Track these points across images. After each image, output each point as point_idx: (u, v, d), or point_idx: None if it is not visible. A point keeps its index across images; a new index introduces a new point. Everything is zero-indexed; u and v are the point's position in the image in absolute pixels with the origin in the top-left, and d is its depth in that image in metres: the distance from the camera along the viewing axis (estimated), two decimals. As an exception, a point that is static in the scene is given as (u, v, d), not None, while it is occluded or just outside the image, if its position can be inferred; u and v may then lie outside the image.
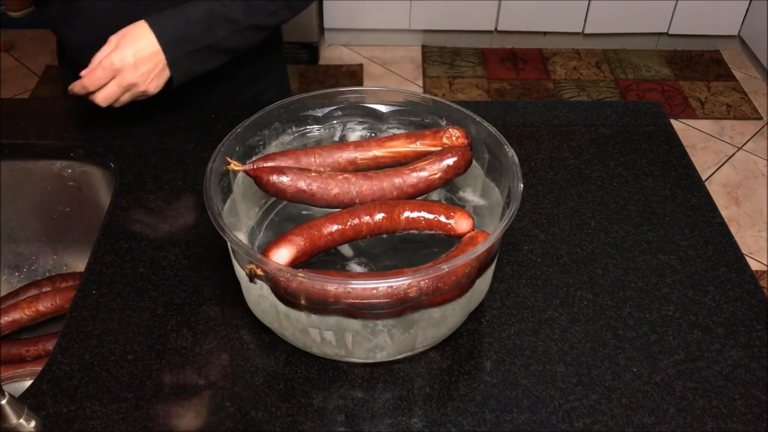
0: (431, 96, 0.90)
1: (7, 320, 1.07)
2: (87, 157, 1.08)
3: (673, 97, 2.88)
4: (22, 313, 1.07)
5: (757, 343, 0.82)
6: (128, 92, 1.00)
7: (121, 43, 0.99)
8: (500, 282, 0.88)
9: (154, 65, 1.00)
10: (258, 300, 0.78)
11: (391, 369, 0.79)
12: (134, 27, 1.00)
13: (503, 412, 0.75)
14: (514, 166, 0.80)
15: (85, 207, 1.13)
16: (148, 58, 0.99)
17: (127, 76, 0.98)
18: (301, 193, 0.79)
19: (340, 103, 0.92)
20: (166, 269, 0.89)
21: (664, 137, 1.12)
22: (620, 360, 0.80)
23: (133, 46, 0.98)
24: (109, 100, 1.00)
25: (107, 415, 0.74)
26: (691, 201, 1.00)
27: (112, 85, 0.99)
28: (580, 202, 1.00)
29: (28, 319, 1.08)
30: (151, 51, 0.99)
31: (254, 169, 0.79)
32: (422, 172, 0.81)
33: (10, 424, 0.67)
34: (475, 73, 2.98)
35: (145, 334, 0.81)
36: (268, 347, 0.81)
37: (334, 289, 0.69)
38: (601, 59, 3.07)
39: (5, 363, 1.05)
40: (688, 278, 0.89)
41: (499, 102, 2.10)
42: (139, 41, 0.99)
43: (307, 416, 0.74)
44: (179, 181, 1.01)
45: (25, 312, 1.07)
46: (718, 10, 2.97)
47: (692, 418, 0.74)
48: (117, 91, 0.99)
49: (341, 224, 0.77)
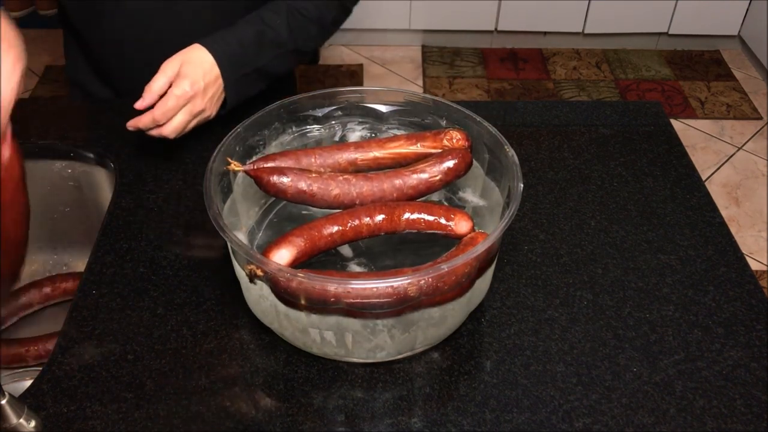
0: (431, 96, 0.90)
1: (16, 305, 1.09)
2: (87, 157, 1.08)
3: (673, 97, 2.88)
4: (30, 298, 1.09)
5: (757, 343, 0.82)
6: (195, 119, 0.97)
7: (186, 70, 0.94)
8: (500, 282, 0.88)
9: (217, 88, 0.97)
10: (258, 300, 0.78)
11: (391, 369, 0.79)
12: (192, 51, 0.96)
13: (503, 412, 0.75)
14: (514, 166, 0.80)
15: (85, 207, 1.13)
16: (213, 81, 0.96)
17: (197, 104, 0.95)
18: (302, 194, 0.79)
19: (340, 103, 0.92)
20: (166, 269, 0.89)
21: (664, 137, 1.12)
22: (620, 360, 0.80)
23: (200, 70, 0.95)
24: (178, 131, 0.96)
25: (107, 415, 0.74)
26: (691, 201, 1.00)
27: (182, 113, 0.95)
28: (580, 202, 1.00)
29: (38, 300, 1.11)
30: (215, 74, 0.96)
31: (255, 170, 0.79)
32: (422, 174, 0.81)
33: (10, 424, 0.67)
34: (475, 73, 2.98)
35: (145, 334, 0.81)
36: (268, 347, 0.81)
37: (333, 289, 0.69)
38: (601, 59, 3.07)
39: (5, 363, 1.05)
40: (688, 278, 0.89)
41: (499, 102, 2.10)
42: (203, 65, 0.95)
43: (307, 416, 0.74)
44: (179, 181, 1.01)
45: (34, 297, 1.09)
46: (718, 10, 2.97)
47: (692, 418, 0.74)
48: (187, 120, 0.95)
49: (341, 225, 0.77)
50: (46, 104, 1.20)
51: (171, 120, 0.95)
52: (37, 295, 1.11)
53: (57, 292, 1.12)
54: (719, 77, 2.98)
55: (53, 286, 1.12)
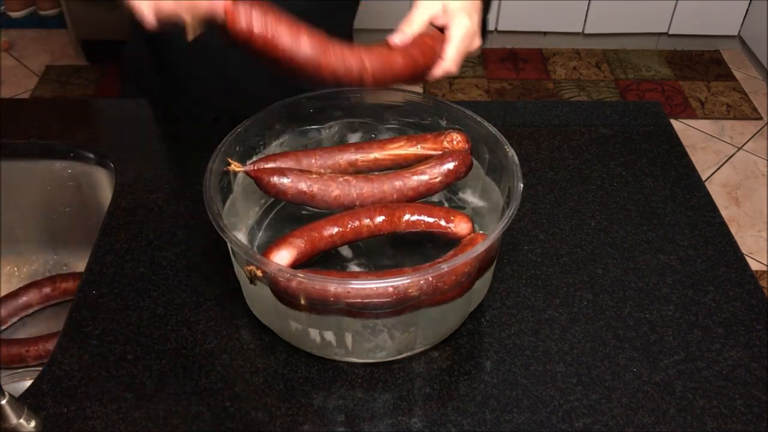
0: (431, 96, 0.90)
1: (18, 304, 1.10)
2: (87, 157, 1.08)
3: (673, 97, 2.88)
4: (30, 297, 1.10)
5: (757, 343, 0.82)
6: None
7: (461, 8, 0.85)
8: (500, 282, 0.88)
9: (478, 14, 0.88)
10: (258, 300, 0.78)
11: (391, 369, 0.79)
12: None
13: (503, 412, 0.75)
14: (514, 166, 0.80)
15: (85, 207, 1.13)
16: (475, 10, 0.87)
17: (476, 43, 0.88)
18: (302, 195, 0.79)
19: (340, 103, 0.92)
20: (166, 269, 0.89)
21: (664, 137, 1.12)
22: (620, 360, 0.80)
23: (474, 9, 0.87)
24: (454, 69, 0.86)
25: (107, 415, 0.74)
26: (691, 201, 1.00)
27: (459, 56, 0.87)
28: (580, 202, 1.00)
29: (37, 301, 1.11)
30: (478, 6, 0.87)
31: (255, 170, 0.79)
32: (423, 176, 0.82)
33: (10, 424, 0.67)
34: (475, 73, 2.98)
35: (145, 334, 0.81)
36: (268, 347, 0.81)
37: (333, 289, 0.69)
38: (601, 59, 3.07)
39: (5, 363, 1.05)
40: (688, 278, 0.89)
41: (499, 102, 2.10)
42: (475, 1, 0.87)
43: (307, 416, 0.74)
44: (179, 181, 1.01)
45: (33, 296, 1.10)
46: (718, 10, 2.97)
47: (692, 418, 0.74)
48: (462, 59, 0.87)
49: (341, 227, 0.77)
50: (46, 104, 1.20)
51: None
52: (37, 295, 1.12)
53: (57, 292, 1.12)
54: (719, 77, 2.98)
55: (53, 286, 1.12)
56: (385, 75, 0.78)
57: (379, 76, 0.78)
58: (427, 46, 0.82)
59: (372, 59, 0.77)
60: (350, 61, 0.76)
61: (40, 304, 1.13)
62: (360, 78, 0.77)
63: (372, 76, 0.77)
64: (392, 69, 0.78)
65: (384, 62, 0.78)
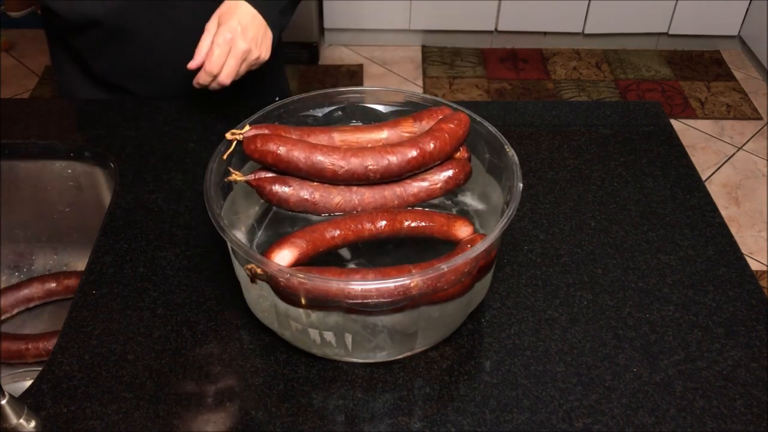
0: (431, 96, 0.90)
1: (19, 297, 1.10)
2: (87, 157, 1.08)
3: (673, 97, 2.88)
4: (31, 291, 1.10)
5: (757, 343, 0.82)
6: (245, 62, 1.02)
7: (222, 20, 1.01)
8: (500, 282, 0.88)
9: (257, 28, 1.02)
10: (258, 300, 0.78)
11: (391, 369, 0.79)
12: (226, 4, 1.03)
13: (503, 412, 0.75)
14: (514, 166, 0.80)
15: (85, 207, 1.13)
16: (251, 22, 1.01)
17: (239, 45, 1.00)
18: (304, 203, 0.79)
19: (340, 103, 0.92)
20: (166, 269, 0.89)
21: (664, 137, 1.12)
22: (620, 360, 0.80)
23: (234, 15, 1.01)
24: (231, 76, 1.02)
25: (107, 415, 0.74)
26: (691, 201, 1.00)
27: (230, 58, 1.00)
28: (580, 202, 1.00)
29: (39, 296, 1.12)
30: (251, 15, 1.02)
31: (256, 180, 0.79)
32: (423, 182, 0.82)
33: (10, 424, 0.67)
34: (475, 73, 2.98)
35: (145, 334, 0.81)
36: (268, 347, 0.81)
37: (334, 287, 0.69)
38: (601, 59, 3.07)
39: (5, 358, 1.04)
40: (688, 278, 0.89)
41: (499, 102, 2.10)
42: (236, 10, 1.01)
43: (307, 416, 0.74)
44: (179, 181, 1.01)
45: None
46: (718, 10, 2.97)
47: (692, 418, 0.74)
48: (236, 63, 1.01)
49: (343, 230, 0.77)
50: (46, 104, 1.20)
51: (223, 68, 1.01)
52: (40, 290, 1.11)
53: (61, 287, 1.12)
54: (719, 77, 2.99)
55: (57, 282, 1.12)
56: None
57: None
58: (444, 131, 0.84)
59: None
60: None
61: (42, 299, 1.12)
62: None
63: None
64: None
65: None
